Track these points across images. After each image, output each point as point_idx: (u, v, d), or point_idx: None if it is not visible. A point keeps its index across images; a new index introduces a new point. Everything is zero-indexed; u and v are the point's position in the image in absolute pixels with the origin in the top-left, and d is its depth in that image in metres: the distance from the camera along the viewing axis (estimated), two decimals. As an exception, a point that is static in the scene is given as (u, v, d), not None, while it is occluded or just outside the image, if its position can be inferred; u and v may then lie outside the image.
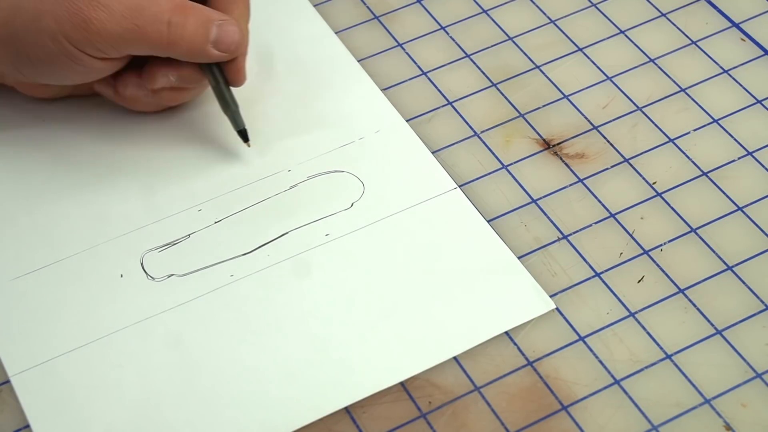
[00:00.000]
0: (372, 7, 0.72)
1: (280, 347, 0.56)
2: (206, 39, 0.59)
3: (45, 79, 0.62)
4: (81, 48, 0.58)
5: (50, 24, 0.57)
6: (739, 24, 0.70)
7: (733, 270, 0.59)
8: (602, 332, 0.57)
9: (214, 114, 0.65)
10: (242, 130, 0.63)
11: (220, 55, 0.60)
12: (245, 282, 0.59)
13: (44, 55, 0.58)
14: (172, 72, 0.61)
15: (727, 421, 0.54)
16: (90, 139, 0.64)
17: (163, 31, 0.58)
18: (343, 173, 0.63)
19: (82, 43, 0.58)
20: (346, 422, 0.54)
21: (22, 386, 0.55)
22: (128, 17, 0.57)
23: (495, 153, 0.64)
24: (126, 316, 0.57)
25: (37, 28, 0.57)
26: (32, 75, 0.61)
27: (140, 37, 0.58)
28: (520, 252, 0.60)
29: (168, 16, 0.58)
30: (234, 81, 0.62)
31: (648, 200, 0.62)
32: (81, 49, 0.58)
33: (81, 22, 0.57)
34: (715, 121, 0.66)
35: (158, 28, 0.58)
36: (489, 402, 0.55)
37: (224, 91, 0.62)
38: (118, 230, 0.61)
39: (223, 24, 0.60)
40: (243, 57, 0.62)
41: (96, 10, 0.57)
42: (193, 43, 0.59)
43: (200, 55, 0.60)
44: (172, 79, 0.61)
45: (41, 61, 0.59)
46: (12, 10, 0.58)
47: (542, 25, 0.71)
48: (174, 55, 0.60)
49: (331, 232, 0.61)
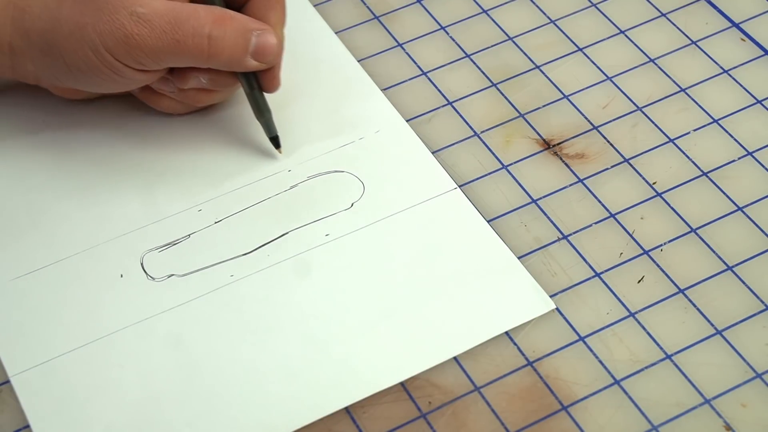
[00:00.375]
0: (372, 7, 0.72)
1: (280, 347, 0.56)
2: (245, 50, 0.59)
3: (82, 87, 0.62)
4: (122, 60, 0.58)
5: (92, 37, 0.57)
6: (739, 24, 0.70)
7: (733, 270, 0.59)
8: (602, 332, 0.57)
9: (215, 114, 0.65)
10: (275, 137, 0.63)
11: (258, 65, 0.60)
12: (245, 282, 0.59)
13: (85, 66, 0.58)
14: (204, 75, 0.61)
15: (727, 421, 0.54)
16: (90, 140, 0.64)
17: (203, 45, 0.58)
18: (343, 173, 0.63)
19: (123, 56, 0.58)
20: (346, 422, 0.54)
21: (22, 386, 0.55)
22: (168, 32, 0.57)
23: (495, 153, 0.64)
24: (126, 316, 0.57)
25: (79, 39, 0.58)
26: (70, 83, 0.61)
27: (180, 51, 0.58)
28: (520, 252, 0.60)
29: (208, 30, 0.58)
30: (268, 87, 0.62)
31: (648, 200, 0.62)
32: (122, 61, 0.58)
33: (122, 37, 0.57)
34: (715, 121, 0.66)
35: (198, 42, 0.58)
36: (489, 402, 0.55)
37: (258, 98, 0.62)
38: (118, 230, 0.61)
39: (261, 34, 0.59)
40: (279, 65, 0.61)
41: (137, 26, 0.57)
42: (233, 55, 0.59)
43: (239, 66, 0.60)
44: (203, 81, 0.61)
45: (81, 72, 0.59)
46: (52, 21, 0.58)
47: (542, 25, 0.71)
48: (213, 66, 0.60)
49: (331, 232, 0.61)
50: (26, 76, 0.62)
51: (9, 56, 0.60)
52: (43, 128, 0.65)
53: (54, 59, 0.59)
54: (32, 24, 0.59)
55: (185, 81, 0.61)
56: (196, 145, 0.64)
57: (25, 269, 0.59)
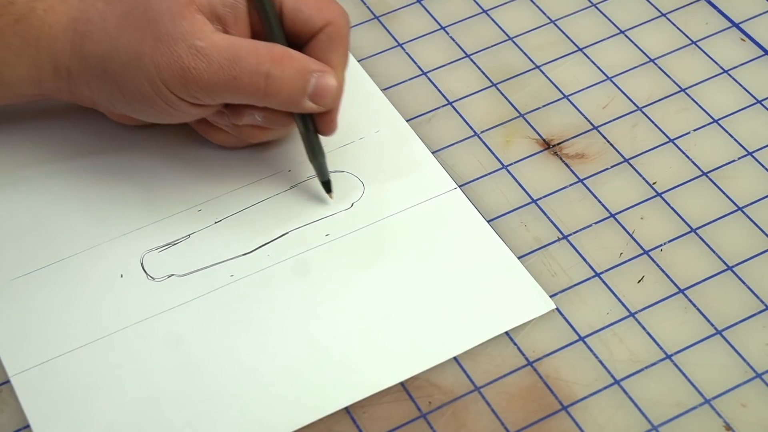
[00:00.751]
0: (372, 7, 0.72)
1: (280, 347, 0.56)
2: (303, 92, 0.57)
3: (136, 116, 0.61)
4: (177, 93, 0.57)
5: (149, 67, 0.56)
6: (739, 24, 0.70)
7: (733, 270, 0.59)
8: (602, 332, 0.57)
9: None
10: (327, 181, 0.61)
11: (315, 107, 0.58)
12: (245, 282, 0.59)
13: (140, 96, 0.58)
14: (259, 112, 0.59)
15: (727, 421, 0.54)
16: (90, 140, 0.64)
17: (260, 84, 0.57)
18: (343, 173, 0.63)
19: (178, 89, 0.57)
20: (346, 422, 0.54)
21: (22, 386, 0.55)
22: (226, 68, 0.56)
23: (495, 153, 0.64)
24: (126, 316, 0.57)
25: (136, 69, 0.57)
26: (124, 110, 0.60)
27: (237, 88, 0.57)
28: (520, 252, 0.60)
29: (266, 68, 0.56)
30: (324, 130, 0.60)
31: (648, 200, 0.62)
32: (177, 94, 0.57)
33: (179, 70, 0.56)
34: (715, 121, 0.66)
35: (255, 80, 0.56)
36: (489, 402, 0.55)
37: (312, 140, 0.60)
38: (118, 230, 0.61)
39: (321, 76, 0.57)
40: (337, 108, 0.60)
41: (195, 59, 0.56)
42: (290, 95, 0.57)
43: (295, 107, 0.58)
44: (258, 119, 0.60)
45: (135, 101, 0.58)
46: (111, 48, 0.57)
47: (542, 25, 0.71)
48: (269, 105, 0.58)
49: (331, 232, 0.61)
50: (83, 99, 0.61)
51: (67, 80, 0.59)
52: (43, 129, 0.65)
53: (110, 86, 0.58)
54: (91, 49, 0.58)
55: (240, 117, 0.59)
56: (197, 145, 0.64)
57: (25, 269, 0.59)
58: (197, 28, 0.56)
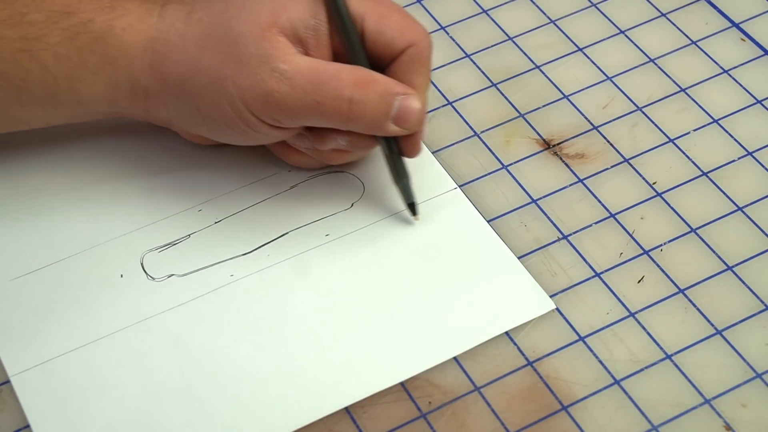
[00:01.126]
0: (372, 7, 0.72)
1: (280, 347, 0.56)
2: (387, 115, 0.56)
3: (214, 137, 0.60)
4: (259, 116, 0.56)
5: (230, 89, 0.56)
6: (739, 24, 0.70)
7: (733, 270, 0.59)
8: (602, 332, 0.57)
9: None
10: (412, 204, 0.60)
11: (399, 130, 0.57)
12: (245, 282, 0.59)
13: (220, 118, 0.57)
14: (343, 137, 0.58)
15: (727, 421, 0.54)
16: (90, 140, 0.64)
17: (344, 108, 0.56)
18: (343, 173, 0.63)
19: (260, 112, 0.56)
20: (346, 422, 0.54)
21: (22, 386, 0.55)
22: (309, 92, 0.55)
23: (495, 153, 0.64)
24: (126, 316, 0.57)
25: (217, 91, 0.56)
26: (203, 132, 0.60)
27: (320, 112, 0.56)
28: (520, 252, 0.60)
29: (350, 93, 0.55)
30: (408, 152, 0.59)
31: (648, 200, 0.62)
32: (259, 117, 0.56)
33: (262, 93, 0.55)
34: (715, 121, 0.66)
35: (339, 105, 0.55)
36: (489, 402, 0.55)
37: (397, 162, 0.59)
38: (118, 230, 0.61)
39: (404, 99, 0.56)
40: (422, 130, 0.59)
41: (278, 83, 0.55)
42: (373, 119, 0.56)
43: (379, 131, 0.57)
44: (342, 143, 0.59)
45: (215, 123, 0.58)
46: (191, 69, 0.56)
47: (542, 25, 0.71)
48: (352, 129, 0.57)
49: (331, 233, 0.61)
50: (159, 119, 0.60)
51: (144, 100, 0.58)
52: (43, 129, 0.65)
53: (189, 107, 0.58)
54: (171, 70, 0.57)
55: (323, 142, 0.59)
56: (198, 146, 0.64)
57: (25, 269, 0.59)
58: (280, 50, 0.55)
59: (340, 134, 0.58)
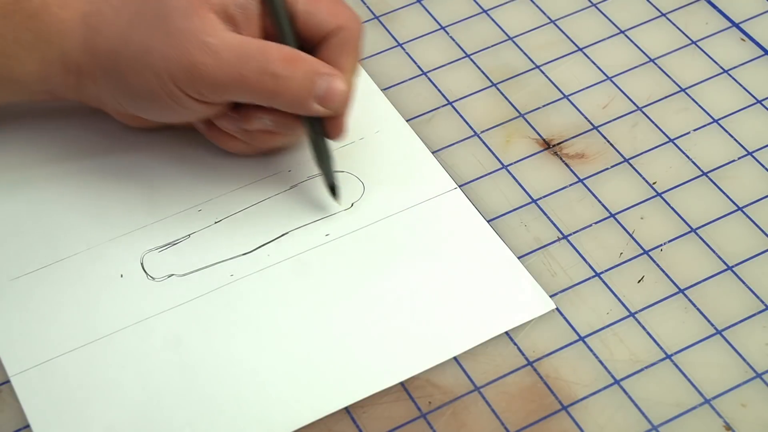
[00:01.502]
0: (372, 7, 0.72)
1: (280, 347, 0.56)
2: (310, 94, 0.57)
3: (142, 114, 0.61)
4: (183, 89, 0.57)
5: (157, 61, 0.56)
6: (739, 24, 0.70)
7: (733, 270, 0.59)
8: (602, 332, 0.57)
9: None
10: (333, 186, 0.61)
11: (322, 111, 0.58)
12: (245, 282, 0.59)
13: (146, 91, 0.57)
14: (268, 116, 0.59)
15: (727, 421, 0.54)
16: (90, 140, 0.64)
17: (269, 83, 0.56)
18: (343, 173, 0.63)
19: (185, 85, 0.57)
20: (346, 422, 0.54)
21: (22, 386, 0.55)
22: (235, 66, 0.56)
23: (495, 153, 0.64)
24: (126, 316, 0.57)
25: (144, 63, 0.57)
26: (131, 108, 0.60)
27: (244, 86, 0.56)
28: (520, 252, 0.60)
29: (275, 68, 0.56)
30: (332, 135, 0.60)
31: (648, 200, 0.62)
32: (183, 90, 0.57)
33: (188, 65, 0.56)
34: (715, 121, 0.66)
35: (263, 80, 0.56)
36: (489, 402, 0.55)
37: (319, 144, 0.60)
38: (118, 230, 0.61)
39: (330, 79, 0.57)
40: (347, 113, 0.59)
41: (204, 55, 0.56)
42: (297, 97, 0.57)
43: (302, 109, 0.58)
44: (268, 123, 0.59)
45: (141, 97, 0.58)
46: (121, 42, 0.57)
47: (542, 25, 0.71)
48: (276, 106, 0.58)
49: (331, 232, 0.61)
50: (90, 98, 0.61)
51: (76, 76, 0.59)
52: (43, 128, 0.65)
53: (117, 81, 0.58)
54: (102, 44, 0.58)
55: (249, 121, 0.59)
56: (197, 144, 0.64)
57: (25, 269, 0.59)
58: (208, 25, 0.56)
59: (265, 112, 0.59)
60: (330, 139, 0.60)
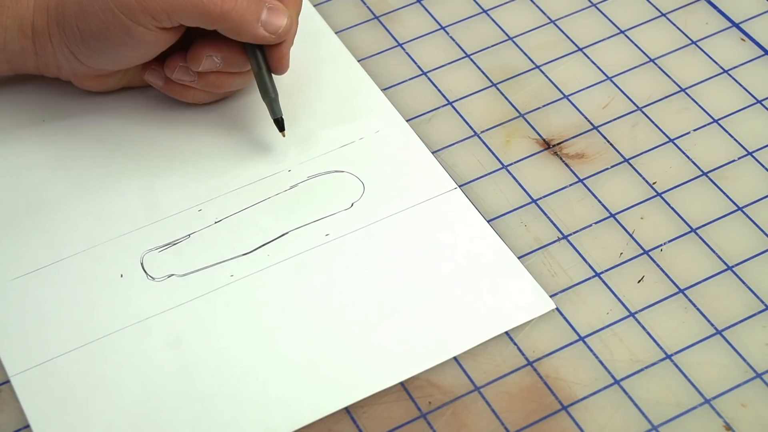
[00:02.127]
0: (372, 7, 0.72)
1: (280, 347, 0.56)
2: (257, 17, 0.60)
3: (98, 62, 0.62)
4: (132, 18, 0.59)
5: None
6: (739, 24, 0.70)
7: (733, 270, 0.59)
8: (602, 332, 0.57)
9: (216, 114, 0.65)
10: (279, 119, 0.63)
11: (267, 36, 0.61)
12: (245, 282, 0.59)
13: (96, 30, 0.59)
14: (217, 53, 0.61)
15: (727, 421, 0.54)
16: (90, 139, 0.64)
17: (217, 2, 0.59)
18: (343, 173, 0.63)
19: (133, 11, 0.58)
20: (346, 422, 0.54)
21: (22, 386, 0.55)
22: None
23: (495, 153, 0.64)
24: (126, 316, 0.57)
25: (91, 1, 0.59)
26: (85, 55, 0.61)
27: (193, 6, 0.59)
28: (520, 252, 0.60)
29: None
30: (276, 68, 0.63)
31: (648, 200, 0.62)
32: (132, 18, 0.59)
33: None
34: (715, 121, 0.66)
35: (213, 1, 0.59)
36: (489, 402, 0.55)
37: (265, 78, 0.62)
38: (118, 230, 0.61)
39: (274, 7, 0.61)
40: (288, 45, 0.62)
41: None
42: (244, 18, 0.60)
43: (248, 33, 0.60)
44: (217, 61, 0.62)
45: (93, 37, 0.60)
46: None
47: (542, 25, 0.71)
48: (223, 29, 0.60)
49: (331, 232, 0.61)
50: (47, 62, 0.62)
51: (32, 39, 0.61)
52: (43, 127, 0.65)
53: (68, 29, 0.60)
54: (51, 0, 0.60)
55: (199, 62, 0.62)
56: (196, 145, 0.64)
57: (25, 269, 0.59)
58: None
59: (213, 49, 0.61)
60: (275, 73, 0.63)
